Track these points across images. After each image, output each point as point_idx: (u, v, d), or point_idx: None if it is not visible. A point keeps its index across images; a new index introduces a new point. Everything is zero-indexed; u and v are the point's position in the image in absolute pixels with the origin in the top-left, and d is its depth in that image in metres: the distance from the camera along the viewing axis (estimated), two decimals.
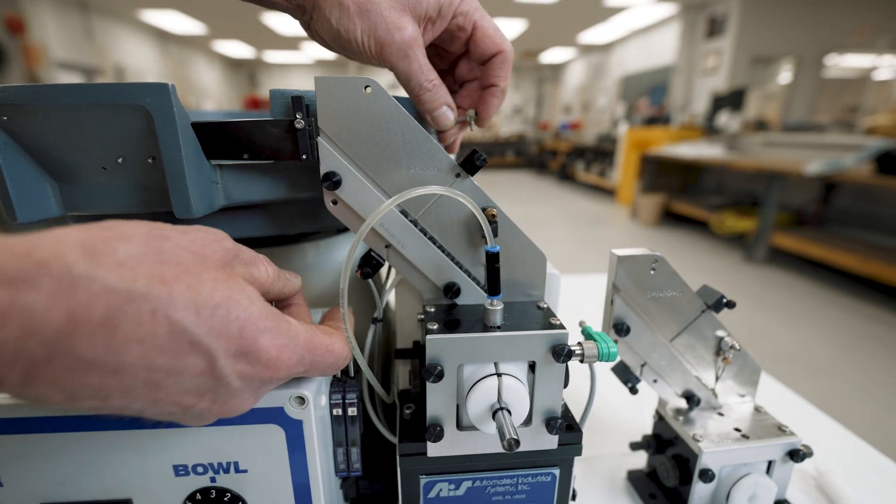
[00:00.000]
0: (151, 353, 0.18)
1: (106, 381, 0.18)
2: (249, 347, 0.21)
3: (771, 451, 0.39)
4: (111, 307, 0.17)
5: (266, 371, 0.22)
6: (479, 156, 0.30)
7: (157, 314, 0.18)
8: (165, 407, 0.20)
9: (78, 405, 0.18)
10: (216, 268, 0.21)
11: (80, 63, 5.50)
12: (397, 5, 0.29)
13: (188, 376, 0.20)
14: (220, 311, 0.20)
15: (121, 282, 0.17)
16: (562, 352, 0.29)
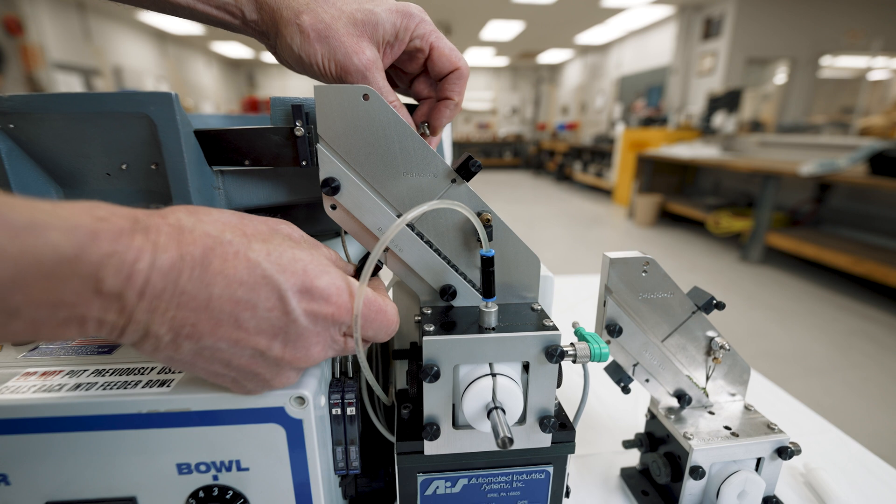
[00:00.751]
0: (232, 285, 0.22)
1: (200, 316, 0.21)
2: (312, 283, 0.24)
3: (760, 448, 0.39)
4: (206, 248, 0.21)
5: (328, 307, 0.25)
6: (474, 162, 0.31)
7: (239, 254, 0.22)
8: (247, 352, 0.23)
9: (180, 350, 0.22)
10: (285, 239, 0.25)
11: (79, 64, 5.48)
12: (355, 31, 0.31)
13: (262, 310, 0.23)
14: (286, 255, 0.24)
15: (214, 230, 0.22)
16: (554, 352, 0.29)
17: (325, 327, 0.25)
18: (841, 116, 5.25)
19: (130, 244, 0.19)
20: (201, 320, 0.22)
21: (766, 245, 3.46)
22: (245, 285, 0.22)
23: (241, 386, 0.26)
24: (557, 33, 7.57)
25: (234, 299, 0.22)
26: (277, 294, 0.23)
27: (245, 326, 0.23)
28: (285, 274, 0.23)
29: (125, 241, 0.19)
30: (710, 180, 4.97)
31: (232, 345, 0.23)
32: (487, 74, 11.42)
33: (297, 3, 0.31)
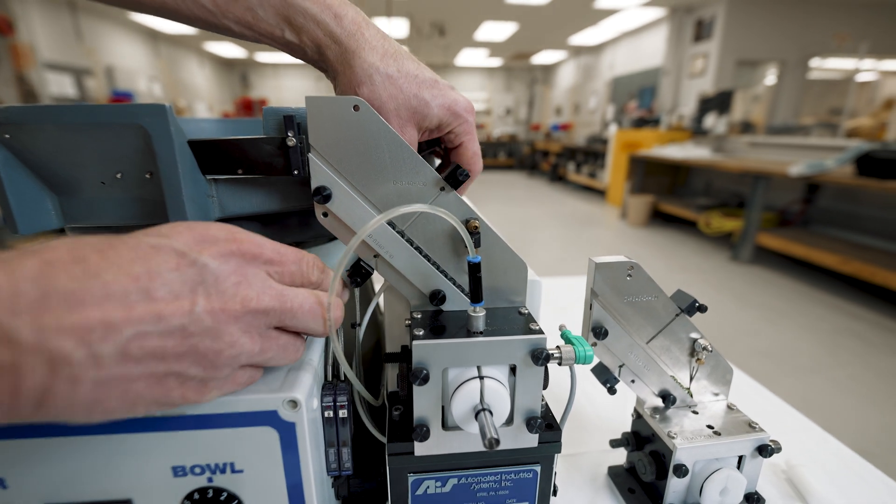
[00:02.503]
0: (123, 265, 0.20)
1: (104, 307, 0.19)
2: (205, 233, 0.24)
3: (741, 446, 0.41)
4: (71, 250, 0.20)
5: (233, 244, 0.24)
6: (462, 171, 0.32)
7: (114, 244, 0.21)
8: (174, 324, 0.21)
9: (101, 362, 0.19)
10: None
11: (70, 64, 5.43)
12: (406, 114, 0.33)
13: (166, 272, 0.21)
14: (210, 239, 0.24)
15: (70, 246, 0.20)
16: (540, 355, 0.30)
17: (240, 264, 0.24)
18: (829, 118, 5.32)
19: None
20: (108, 311, 0.19)
21: (757, 245, 3.50)
22: (137, 260, 0.21)
23: (193, 381, 0.23)
24: (551, 34, 7.61)
25: (132, 276, 0.20)
26: (174, 252, 0.22)
27: (159, 296, 0.20)
28: (171, 237, 0.23)
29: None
30: (701, 181, 5.02)
31: (156, 322, 0.20)
32: (481, 75, 11.44)
33: (362, 70, 0.32)
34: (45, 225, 0.31)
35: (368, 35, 0.33)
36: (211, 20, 0.32)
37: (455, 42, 8.31)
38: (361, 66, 0.32)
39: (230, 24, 0.32)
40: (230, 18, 0.32)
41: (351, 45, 0.32)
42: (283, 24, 0.32)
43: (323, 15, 0.32)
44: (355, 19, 0.33)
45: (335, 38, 0.32)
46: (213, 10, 0.31)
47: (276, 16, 0.32)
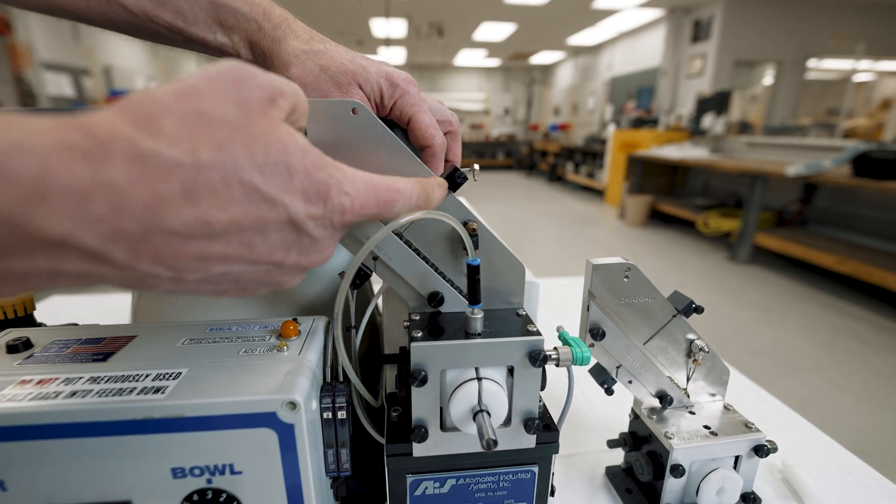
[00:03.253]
0: (236, 216, 0.19)
1: (204, 248, 0.19)
2: (315, 198, 0.22)
3: (737, 447, 0.41)
4: (185, 181, 0.17)
5: (335, 215, 0.23)
6: (460, 174, 0.32)
7: (229, 180, 0.19)
8: (261, 268, 0.22)
9: (184, 283, 0.20)
10: (260, 116, 0.21)
11: (68, 64, 5.41)
12: (345, 80, 0.33)
13: (272, 231, 0.21)
14: (280, 168, 0.20)
15: (185, 154, 0.17)
16: (538, 357, 0.31)
17: (334, 230, 0.24)
18: (826, 118, 5.34)
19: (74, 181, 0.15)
20: (207, 252, 0.19)
21: (754, 245, 3.51)
22: (249, 212, 0.19)
23: (249, 293, 0.24)
24: (549, 35, 7.61)
25: (241, 228, 0.20)
26: (286, 213, 0.21)
27: (258, 250, 0.21)
28: (289, 194, 0.20)
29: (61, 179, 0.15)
30: (699, 181, 5.03)
31: (247, 265, 0.21)
32: (480, 75, 11.45)
33: (287, 53, 0.32)
34: None
35: (294, 27, 0.34)
36: (140, 25, 0.32)
37: (453, 42, 8.32)
38: (287, 50, 0.32)
39: (160, 30, 0.32)
40: (159, 24, 0.32)
41: (277, 34, 0.33)
42: (214, 25, 0.32)
43: (253, 13, 0.33)
44: (282, 15, 0.34)
45: (264, 32, 0.33)
46: (140, 16, 0.31)
47: (207, 18, 0.32)
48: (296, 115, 0.23)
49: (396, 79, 0.35)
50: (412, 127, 0.35)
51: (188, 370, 0.30)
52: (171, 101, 0.18)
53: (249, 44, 0.33)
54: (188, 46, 0.34)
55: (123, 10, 0.31)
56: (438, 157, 0.36)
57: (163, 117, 0.18)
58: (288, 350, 0.33)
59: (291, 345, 0.33)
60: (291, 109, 0.23)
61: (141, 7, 0.31)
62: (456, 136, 0.39)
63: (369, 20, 6.90)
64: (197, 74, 0.20)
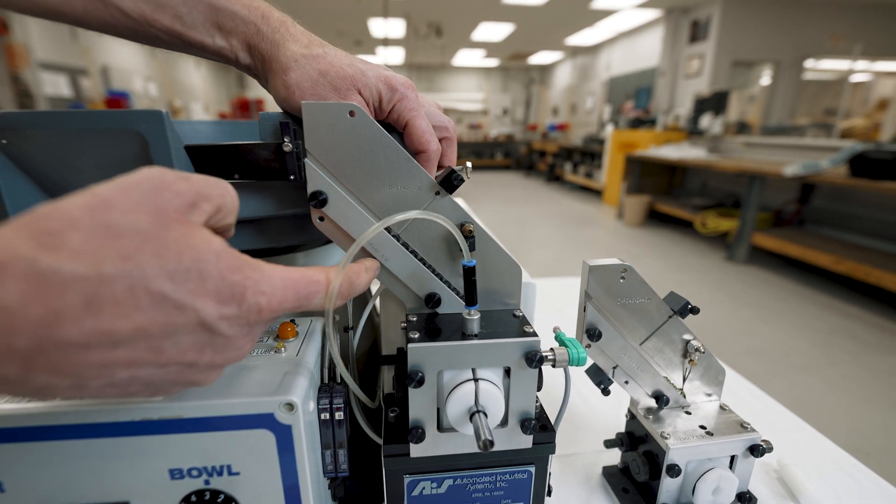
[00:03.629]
0: (142, 324, 0.19)
1: (106, 356, 0.19)
2: (229, 300, 0.22)
3: (733, 446, 0.41)
4: (87, 293, 0.17)
5: (251, 315, 0.23)
6: (457, 176, 0.32)
7: (135, 289, 0.18)
8: (172, 369, 0.21)
9: (87, 389, 0.19)
10: (176, 223, 0.21)
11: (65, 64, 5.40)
12: (343, 85, 0.33)
13: (183, 335, 0.21)
14: (192, 273, 0.20)
15: (87, 268, 0.17)
16: (534, 358, 0.31)
17: (250, 328, 0.24)
18: (824, 118, 5.36)
19: None
20: (111, 360, 0.19)
21: (752, 245, 3.52)
22: (157, 320, 0.19)
23: (162, 393, 0.23)
24: (548, 35, 7.62)
25: (148, 335, 0.19)
26: (196, 317, 0.20)
27: (168, 353, 0.20)
28: (200, 299, 0.20)
29: None
30: (697, 181, 5.04)
31: (157, 368, 0.21)
32: (478, 75, 11.45)
33: (286, 58, 0.32)
34: None
35: (293, 30, 0.34)
36: (138, 29, 0.32)
37: (452, 42, 8.32)
38: (286, 54, 0.32)
39: (158, 34, 0.32)
40: (158, 27, 0.32)
41: (276, 38, 0.33)
42: (212, 29, 0.32)
43: (251, 16, 0.33)
44: (281, 18, 0.34)
45: (263, 35, 0.33)
46: (138, 20, 0.31)
47: (205, 21, 0.32)
48: (221, 213, 0.24)
49: (395, 83, 0.35)
50: (408, 131, 0.36)
51: None
52: (80, 213, 0.18)
53: (248, 47, 0.33)
54: (186, 50, 0.34)
55: (121, 14, 0.31)
56: (432, 162, 0.36)
57: (67, 232, 0.18)
58: (286, 351, 0.33)
59: (289, 346, 0.34)
60: (215, 210, 0.23)
61: (139, 11, 0.31)
62: (451, 142, 0.39)
63: (367, 20, 6.90)
64: (112, 185, 0.20)
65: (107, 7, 0.30)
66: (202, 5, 0.31)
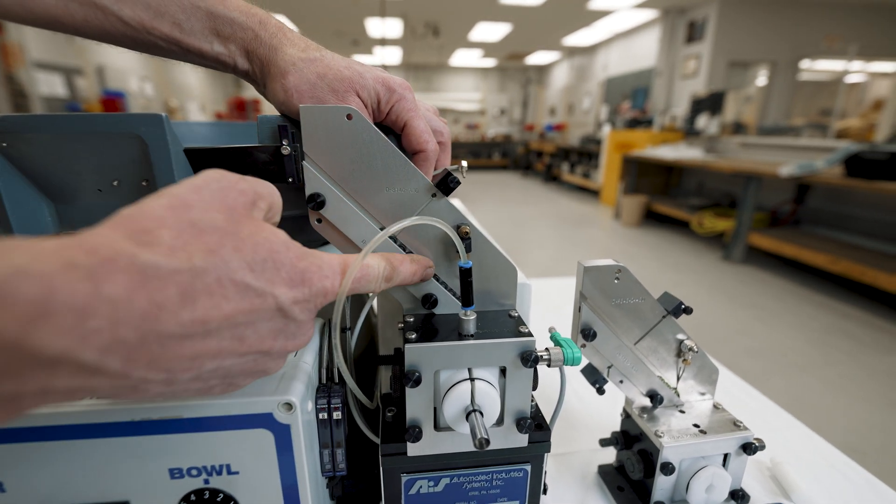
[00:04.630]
0: (230, 312, 0.20)
1: (199, 346, 0.20)
2: (301, 284, 0.23)
3: (726, 444, 0.42)
4: (182, 286, 0.19)
5: (318, 298, 0.25)
6: (453, 178, 0.32)
7: (222, 280, 0.20)
8: (250, 358, 0.23)
9: (175, 385, 0.20)
10: (245, 219, 0.23)
11: (61, 63, 5.37)
12: (342, 87, 0.33)
13: (262, 322, 0.22)
14: (268, 264, 0.22)
15: (181, 263, 0.19)
16: (529, 357, 0.31)
17: (315, 309, 0.26)
18: (819, 118, 5.39)
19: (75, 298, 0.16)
20: (201, 351, 0.20)
21: (748, 245, 3.54)
22: (242, 308, 0.21)
23: (234, 387, 0.25)
24: (545, 35, 7.63)
25: (234, 324, 0.21)
26: (275, 305, 0.22)
27: (249, 341, 0.22)
28: (277, 286, 0.22)
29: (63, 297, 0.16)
30: (693, 181, 5.06)
31: (237, 357, 0.22)
32: (476, 75, 11.46)
33: (284, 61, 0.33)
34: (41, 232, 0.32)
35: (290, 35, 0.35)
36: (137, 37, 0.32)
37: (449, 42, 8.32)
38: (284, 58, 0.33)
39: (157, 41, 0.33)
40: (156, 35, 0.32)
41: (274, 43, 0.33)
42: (210, 35, 0.33)
43: (249, 21, 0.33)
44: (278, 24, 0.35)
45: (261, 40, 0.33)
46: (137, 28, 0.32)
47: (204, 28, 0.32)
48: (272, 211, 0.26)
49: (393, 84, 0.35)
50: (407, 132, 0.36)
51: None
52: (165, 213, 0.20)
53: (246, 53, 0.33)
54: (184, 58, 0.34)
55: (120, 22, 0.31)
56: (430, 162, 0.36)
57: (158, 230, 0.19)
58: None
59: None
60: (268, 208, 0.25)
61: (138, 19, 0.31)
62: (446, 147, 0.40)
63: (364, 20, 6.90)
64: (184, 186, 0.22)
65: (106, 16, 0.31)
66: (200, 12, 0.32)
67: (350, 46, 8.62)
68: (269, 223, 0.25)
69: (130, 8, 0.31)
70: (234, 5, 0.33)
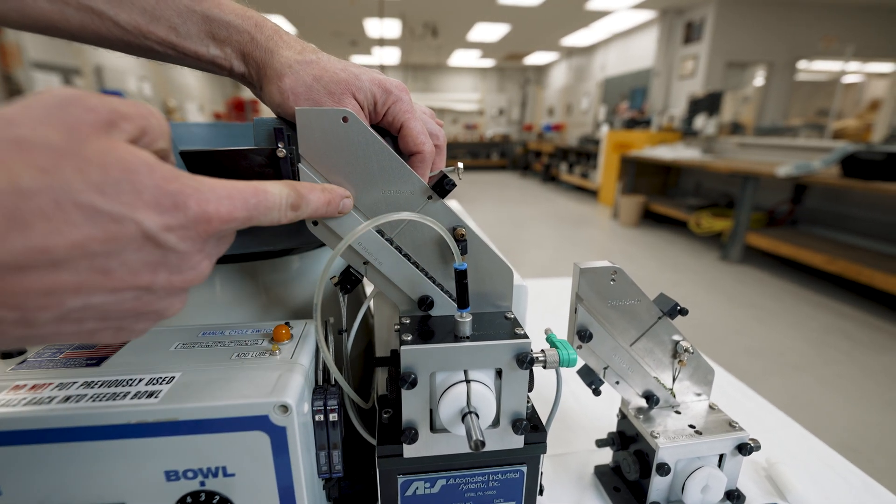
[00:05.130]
0: (78, 239, 0.18)
1: (48, 279, 0.17)
2: (172, 209, 0.20)
3: (721, 445, 0.42)
4: (7, 208, 0.16)
5: (200, 225, 0.21)
6: (449, 181, 0.32)
7: (61, 203, 0.17)
8: (128, 295, 0.20)
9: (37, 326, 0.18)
10: (93, 137, 0.19)
11: (58, 63, 5.36)
12: (338, 89, 0.33)
13: (130, 252, 0.19)
14: (123, 185, 0.19)
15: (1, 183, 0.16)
16: (525, 359, 0.31)
17: (203, 242, 0.22)
18: (816, 119, 5.40)
19: None
20: (55, 285, 0.18)
21: (746, 244, 3.55)
22: (95, 234, 0.18)
23: (126, 332, 0.22)
24: (543, 35, 7.64)
25: (89, 253, 0.18)
26: (139, 229, 0.19)
27: (117, 274, 0.19)
28: (139, 209, 0.19)
29: None
30: (691, 181, 5.08)
31: (109, 294, 0.19)
32: (474, 76, 11.46)
33: (281, 64, 0.33)
34: None
35: (286, 37, 0.35)
36: (133, 42, 0.32)
37: (448, 43, 8.32)
38: (280, 60, 0.33)
39: (153, 46, 0.32)
40: (153, 39, 0.32)
41: (270, 45, 0.33)
42: (206, 39, 0.33)
43: (245, 24, 0.33)
44: (274, 27, 0.35)
45: (257, 43, 0.33)
46: (133, 32, 0.32)
47: (200, 32, 0.32)
48: (148, 137, 0.21)
49: (389, 86, 0.35)
50: (403, 133, 0.36)
51: (181, 374, 0.30)
52: None
53: (242, 56, 0.34)
54: (180, 61, 0.34)
55: (117, 27, 0.31)
56: (427, 163, 0.36)
57: None
58: (280, 353, 0.33)
59: (284, 348, 0.34)
60: (140, 132, 0.21)
61: (134, 24, 0.31)
62: (441, 151, 0.40)
63: (363, 20, 6.89)
64: (14, 104, 0.18)
65: (102, 20, 0.31)
66: (196, 16, 0.32)
67: (348, 47, 8.62)
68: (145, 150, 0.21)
69: (127, 12, 0.31)
70: (229, 8, 0.33)
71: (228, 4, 0.33)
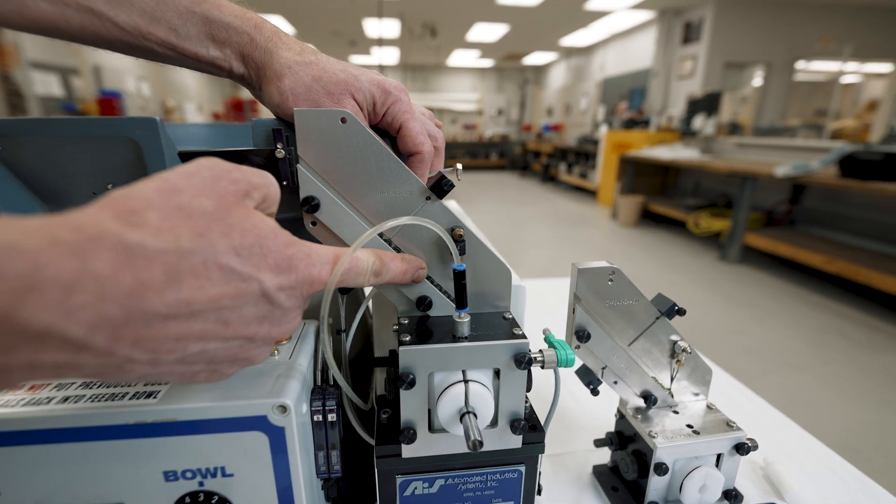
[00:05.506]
0: (215, 295, 0.20)
1: (183, 327, 0.20)
2: (287, 270, 0.24)
3: (719, 445, 0.42)
4: (168, 266, 0.19)
5: (304, 286, 0.25)
6: (447, 181, 0.33)
7: (208, 263, 0.20)
8: (235, 343, 0.23)
9: (160, 366, 0.21)
10: (235, 206, 0.23)
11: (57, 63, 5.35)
12: (337, 90, 0.33)
13: (248, 307, 0.22)
14: (255, 249, 0.22)
15: (168, 243, 0.19)
16: (523, 359, 0.32)
17: (303, 300, 0.26)
18: (815, 119, 5.42)
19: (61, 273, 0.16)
20: (185, 332, 0.20)
21: (744, 244, 3.56)
22: (227, 291, 0.21)
23: (219, 374, 0.25)
24: (542, 36, 7.65)
25: (219, 307, 0.21)
26: (259, 288, 0.22)
27: (233, 325, 0.22)
28: (262, 272, 0.22)
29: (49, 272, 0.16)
30: (690, 181, 5.08)
31: (222, 342, 0.22)
32: (473, 76, 11.47)
33: (280, 64, 0.33)
34: None
35: (285, 39, 0.35)
36: (133, 43, 0.32)
37: (447, 43, 8.32)
38: (279, 61, 0.33)
39: (152, 46, 0.33)
40: (152, 40, 0.32)
41: (269, 46, 0.34)
42: (206, 40, 0.33)
43: (244, 26, 0.33)
44: (273, 28, 0.35)
45: (256, 44, 0.34)
46: (133, 33, 0.32)
47: (199, 33, 0.33)
48: (267, 202, 0.25)
49: (388, 87, 0.35)
50: (403, 133, 0.36)
51: None
52: (154, 196, 0.20)
53: (241, 57, 0.34)
54: (179, 62, 0.34)
55: (117, 28, 0.31)
56: (426, 164, 0.36)
57: (147, 211, 0.19)
58: (279, 354, 0.33)
59: (282, 349, 0.34)
60: (262, 199, 0.25)
61: (134, 25, 0.31)
62: (440, 152, 0.40)
63: (362, 20, 6.89)
64: (176, 172, 0.22)
65: (102, 22, 0.31)
66: (196, 18, 0.32)
67: (347, 47, 8.61)
68: (265, 213, 0.25)
69: (126, 13, 0.31)
70: (229, 10, 0.33)
71: (228, 6, 0.33)
